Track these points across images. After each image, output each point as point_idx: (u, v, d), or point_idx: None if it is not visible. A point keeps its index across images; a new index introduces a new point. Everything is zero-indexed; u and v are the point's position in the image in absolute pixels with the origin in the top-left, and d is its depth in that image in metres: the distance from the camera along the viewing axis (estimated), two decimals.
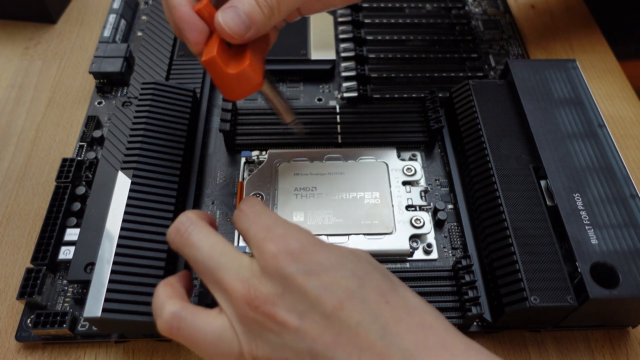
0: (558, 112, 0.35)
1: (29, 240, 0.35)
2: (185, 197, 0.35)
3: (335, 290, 0.22)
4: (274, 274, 0.22)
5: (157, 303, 0.24)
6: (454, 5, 0.47)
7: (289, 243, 0.23)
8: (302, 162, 0.37)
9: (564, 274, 0.28)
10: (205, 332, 0.23)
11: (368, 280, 0.23)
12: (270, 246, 0.23)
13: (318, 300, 0.21)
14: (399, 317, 0.22)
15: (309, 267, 0.22)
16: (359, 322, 0.21)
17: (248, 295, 0.22)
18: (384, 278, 0.23)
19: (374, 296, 0.22)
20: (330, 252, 0.23)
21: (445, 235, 0.35)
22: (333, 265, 0.22)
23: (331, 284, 0.22)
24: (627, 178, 0.32)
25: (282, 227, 0.24)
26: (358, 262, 0.23)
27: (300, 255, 0.22)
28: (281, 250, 0.22)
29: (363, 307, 0.21)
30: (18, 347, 0.31)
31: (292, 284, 0.22)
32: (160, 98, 0.36)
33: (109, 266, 0.29)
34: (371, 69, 0.42)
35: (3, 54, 0.47)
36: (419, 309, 0.23)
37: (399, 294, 0.23)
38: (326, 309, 0.21)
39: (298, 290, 0.22)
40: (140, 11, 0.49)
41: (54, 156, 0.40)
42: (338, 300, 0.21)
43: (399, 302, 0.22)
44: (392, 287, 0.23)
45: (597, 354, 0.31)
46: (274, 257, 0.22)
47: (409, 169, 0.36)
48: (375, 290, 0.22)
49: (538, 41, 0.49)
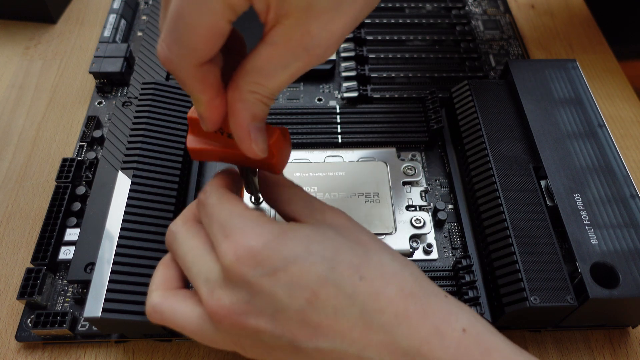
0: (558, 112, 0.35)
1: (29, 240, 0.35)
2: (185, 197, 0.35)
3: (305, 282, 0.21)
4: (238, 281, 0.21)
5: (149, 289, 0.24)
6: (454, 5, 0.47)
7: (248, 242, 0.21)
8: (302, 163, 0.37)
9: (564, 274, 0.28)
10: (184, 323, 0.23)
11: (338, 259, 0.21)
12: (228, 251, 0.21)
13: (290, 298, 0.21)
14: (376, 292, 0.21)
15: (273, 266, 0.21)
16: (336, 308, 0.21)
17: (213, 307, 0.21)
18: (355, 248, 0.22)
19: (347, 275, 0.21)
20: (295, 239, 0.22)
21: (445, 235, 0.35)
22: (299, 255, 0.21)
23: (300, 276, 0.21)
24: (627, 178, 0.32)
25: (239, 223, 0.22)
26: (325, 240, 0.22)
27: (261, 255, 0.21)
28: (240, 254, 0.21)
29: (337, 291, 0.21)
30: (18, 347, 0.31)
31: (258, 288, 0.21)
32: (161, 98, 0.36)
33: (109, 266, 0.29)
34: (371, 69, 0.42)
35: (3, 54, 0.47)
36: (398, 275, 0.22)
37: (374, 261, 0.22)
38: (300, 304, 0.21)
39: (266, 294, 0.21)
40: (140, 11, 0.49)
41: (54, 156, 0.40)
42: (311, 292, 0.21)
43: (374, 273, 0.22)
44: (365, 257, 0.22)
45: (597, 354, 0.31)
46: (233, 263, 0.21)
47: (409, 169, 0.36)
48: (348, 268, 0.21)
49: (538, 41, 0.49)
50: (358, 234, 0.23)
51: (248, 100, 0.21)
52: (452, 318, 0.21)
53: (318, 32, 0.20)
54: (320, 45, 0.20)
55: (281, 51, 0.20)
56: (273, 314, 0.21)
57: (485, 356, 0.21)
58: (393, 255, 0.23)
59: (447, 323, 0.21)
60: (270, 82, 0.21)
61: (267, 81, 0.21)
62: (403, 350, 0.20)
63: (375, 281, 0.21)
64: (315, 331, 0.21)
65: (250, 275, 0.21)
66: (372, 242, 0.23)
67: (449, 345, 0.21)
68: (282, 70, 0.21)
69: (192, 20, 0.19)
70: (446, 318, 0.21)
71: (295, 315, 0.21)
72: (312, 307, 0.21)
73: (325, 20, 0.20)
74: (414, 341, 0.20)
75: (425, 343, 0.20)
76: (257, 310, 0.21)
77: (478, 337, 0.21)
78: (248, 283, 0.21)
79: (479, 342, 0.21)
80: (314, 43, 0.20)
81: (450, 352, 0.20)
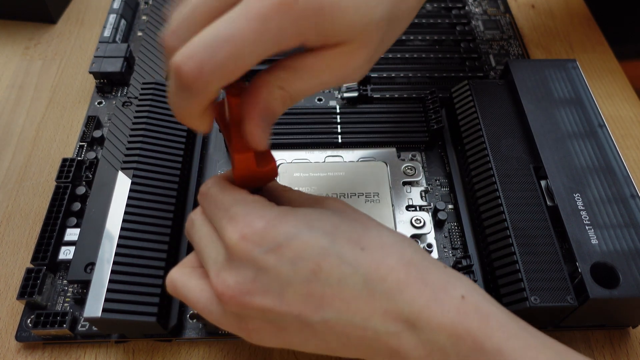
0: (558, 112, 0.35)
1: (29, 240, 0.35)
2: (185, 197, 0.35)
3: (309, 255, 0.21)
4: (243, 259, 0.22)
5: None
6: (454, 5, 0.47)
7: (251, 223, 0.22)
8: (302, 163, 0.37)
9: (564, 274, 0.28)
10: (194, 300, 0.24)
11: (339, 233, 0.22)
12: (232, 232, 0.22)
13: (294, 272, 0.21)
14: (377, 261, 0.22)
15: (276, 242, 0.21)
16: (340, 278, 0.21)
17: (219, 288, 0.22)
18: (354, 225, 0.23)
19: (349, 247, 0.22)
20: (296, 217, 0.22)
21: (446, 236, 0.35)
22: (301, 230, 0.22)
23: (303, 249, 0.21)
24: (627, 178, 0.32)
25: (242, 207, 0.23)
26: (323, 218, 0.23)
27: (265, 233, 0.22)
28: (245, 234, 0.22)
29: (340, 261, 0.21)
30: (18, 347, 0.31)
31: (263, 265, 0.21)
32: (161, 98, 0.36)
33: (109, 266, 0.29)
34: (371, 69, 0.42)
35: (3, 54, 0.47)
36: (397, 245, 0.23)
37: (373, 235, 0.23)
38: (304, 277, 0.21)
39: (271, 270, 0.21)
40: (140, 11, 0.49)
41: (54, 156, 0.40)
42: (314, 263, 0.21)
43: (375, 244, 0.22)
44: (364, 230, 0.23)
45: (597, 354, 0.31)
46: (238, 243, 0.22)
47: (409, 169, 0.36)
48: (349, 240, 0.22)
49: (538, 41, 0.49)
50: (356, 215, 0.24)
51: (272, 92, 0.22)
52: (451, 286, 0.22)
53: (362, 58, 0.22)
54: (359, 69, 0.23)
55: (325, 66, 0.22)
56: (278, 290, 0.21)
57: (483, 321, 0.21)
58: (390, 230, 0.24)
59: (446, 290, 0.22)
60: (300, 85, 0.22)
61: (298, 83, 0.22)
62: (405, 316, 0.21)
63: (376, 251, 0.22)
64: (320, 302, 0.21)
65: (255, 253, 0.21)
66: (370, 220, 0.24)
67: (448, 310, 0.21)
68: (317, 81, 0.22)
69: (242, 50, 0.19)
70: (445, 285, 0.22)
71: (300, 289, 0.21)
72: (316, 278, 0.21)
73: (371, 49, 0.22)
74: (415, 307, 0.21)
75: (425, 308, 0.21)
76: (262, 288, 0.22)
77: (477, 304, 0.22)
78: (253, 260, 0.21)
79: (478, 308, 0.22)
80: (355, 66, 0.22)
81: (449, 316, 0.21)
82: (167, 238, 0.30)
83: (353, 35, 0.21)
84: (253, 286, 0.22)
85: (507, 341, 0.21)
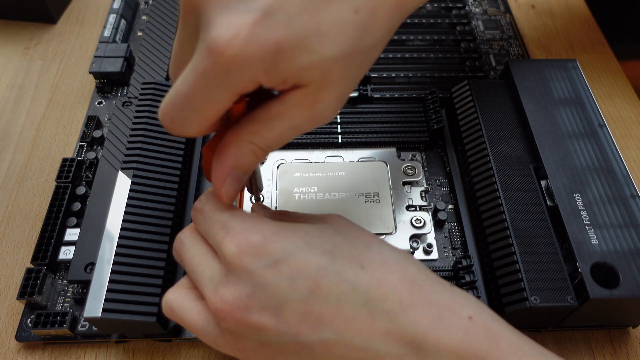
0: (558, 112, 0.35)
1: (29, 240, 0.35)
2: (185, 197, 0.35)
3: (307, 273, 0.21)
4: (240, 274, 0.21)
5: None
6: (454, 5, 0.47)
7: (249, 238, 0.22)
8: (302, 163, 0.37)
9: (564, 274, 0.28)
10: (190, 322, 0.23)
11: (338, 251, 0.22)
12: (230, 246, 0.22)
13: (291, 289, 0.21)
14: (378, 280, 0.21)
15: (274, 257, 0.21)
16: (339, 296, 0.21)
17: (216, 305, 0.22)
18: (355, 242, 0.23)
19: (348, 265, 0.21)
20: (295, 234, 0.22)
21: (446, 235, 0.35)
22: (299, 247, 0.22)
23: (302, 267, 0.21)
24: (628, 178, 0.32)
25: (239, 222, 0.23)
26: (324, 236, 0.23)
27: (263, 248, 0.21)
28: (242, 248, 0.21)
29: (339, 279, 0.21)
30: (18, 347, 0.31)
31: (260, 280, 0.21)
32: (161, 98, 0.36)
33: (109, 266, 0.29)
34: (371, 69, 0.42)
35: (3, 54, 0.47)
36: (400, 263, 0.22)
37: (374, 252, 0.22)
38: (302, 295, 0.21)
39: (268, 286, 0.21)
40: (140, 11, 0.49)
41: (54, 156, 0.40)
42: (312, 281, 0.21)
43: (375, 263, 0.22)
44: (365, 248, 0.22)
45: (597, 354, 0.31)
46: (235, 257, 0.21)
47: (409, 169, 0.36)
48: (348, 259, 0.22)
49: (538, 41, 0.49)
50: (357, 232, 0.24)
51: (242, 147, 0.22)
52: (458, 305, 0.21)
53: (328, 98, 0.21)
54: (327, 109, 0.22)
55: (291, 110, 0.21)
56: (276, 307, 0.21)
57: (493, 343, 0.20)
58: (393, 248, 0.23)
59: (453, 310, 0.21)
60: (271, 135, 0.22)
61: (268, 133, 0.22)
62: (409, 338, 0.20)
63: (377, 269, 0.22)
64: (319, 321, 0.21)
65: (253, 266, 0.21)
66: (372, 237, 0.24)
67: (455, 331, 0.20)
68: (287, 127, 0.22)
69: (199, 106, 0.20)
70: (451, 305, 0.21)
71: (298, 307, 0.21)
72: (314, 296, 0.21)
73: (336, 88, 0.21)
74: (420, 327, 0.20)
75: (431, 329, 0.20)
76: (260, 304, 0.21)
77: (485, 324, 0.21)
78: (250, 274, 0.21)
79: (487, 329, 0.21)
80: (323, 107, 0.21)
81: (457, 338, 0.20)
82: (167, 238, 0.30)
83: (309, 76, 0.20)
84: (250, 302, 0.21)
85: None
